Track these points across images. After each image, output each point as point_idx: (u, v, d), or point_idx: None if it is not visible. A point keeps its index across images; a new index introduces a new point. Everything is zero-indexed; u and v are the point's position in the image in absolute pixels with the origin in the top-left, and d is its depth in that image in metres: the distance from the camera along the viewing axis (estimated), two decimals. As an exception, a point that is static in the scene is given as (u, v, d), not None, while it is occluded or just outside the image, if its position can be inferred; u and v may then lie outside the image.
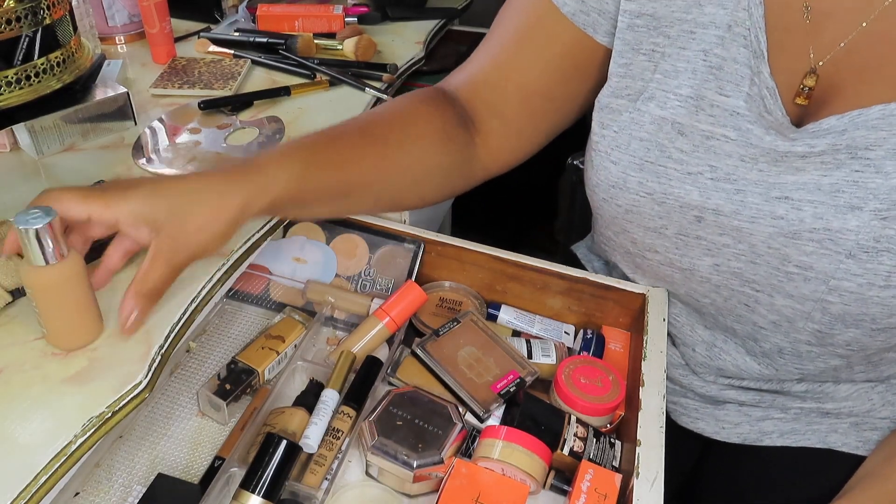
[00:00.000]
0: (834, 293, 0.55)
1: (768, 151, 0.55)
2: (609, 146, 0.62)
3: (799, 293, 0.58)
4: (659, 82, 0.58)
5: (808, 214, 0.54)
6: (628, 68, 0.60)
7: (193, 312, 0.59)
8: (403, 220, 0.81)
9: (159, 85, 0.94)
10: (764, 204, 0.56)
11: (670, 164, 0.59)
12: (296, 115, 0.89)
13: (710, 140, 0.57)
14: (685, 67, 0.57)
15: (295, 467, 0.56)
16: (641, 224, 0.63)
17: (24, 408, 0.49)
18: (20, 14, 0.58)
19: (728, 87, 0.56)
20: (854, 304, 0.55)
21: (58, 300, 0.51)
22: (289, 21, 1.09)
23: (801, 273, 0.56)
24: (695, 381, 0.73)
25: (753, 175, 0.56)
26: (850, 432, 0.68)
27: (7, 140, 0.79)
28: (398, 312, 0.67)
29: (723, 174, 0.57)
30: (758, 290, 0.60)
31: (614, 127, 0.61)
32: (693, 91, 0.57)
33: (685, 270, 0.64)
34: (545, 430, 0.58)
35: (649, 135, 0.59)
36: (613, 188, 0.62)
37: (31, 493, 0.45)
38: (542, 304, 0.74)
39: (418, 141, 0.67)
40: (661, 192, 0.59)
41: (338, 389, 0.61)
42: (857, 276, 0.54)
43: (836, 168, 0.53)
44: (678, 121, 0.58)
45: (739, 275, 0.60)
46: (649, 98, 0.59)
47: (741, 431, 0.71)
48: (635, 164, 0.60)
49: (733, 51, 0.55)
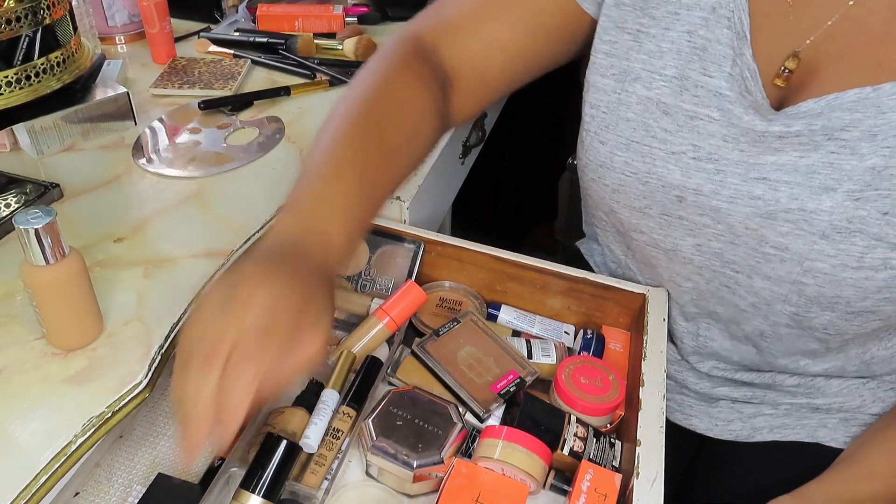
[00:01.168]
0: (808, 274, 0.56)
1: (747, 131, 0.56)
2: (598, 126, 0.63)
3: (776, 274, 0.59)
4: (644, 63, 0.60)
5: (783, 195, 0.55)
6: (613, 46, 0.62)
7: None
8: (403, 220, 0.81)
9: (159, 85, 0.94)
10: (742, 184, 0.57)
11: (655, 143, 0.60)
12: (296, 115, 0.89)
13: (694, 120, 0.58)
14: (669, 48, 0.58)
15: (295, 467, 0.56)
16: (627, 204, 0.64)
17: (24, 408, 0.50)
18: (20, 14, 0.58)
19: (711, 68, 0.57)
20: (828, 285, 0.56)
21: (58, 300, 0.51)
22: (289, 21, 1.09)
23: (778, 254, 0.57)
24: (689, 378, 0.73)
25: (734, 155, 0.57)
26: (839, 427, 0.69)
27: (7, 140, 0.79)
28: (398, 312, 0.67)
29: (705, 153, 0.58)
30: (737, 271, 0.61)
31: (602, 107, 0.63)
32: (677, 71, 0.58)
33: (669, 251, 0.65)
34: (545, 430, 0.58)
35: (636, 115, 0.60)
36: (601, 168, 0.64)
37: (31, 492, 0.45)
38: (542, 304, 0.74)
39: (421, 134, 0.65)
40: (645, 171, 0.61)
41: (338, 389, 0.61)
42: (831, 256, 0.55)
43: (813, 150, 0.54)
44: (663, 101, 0.59)
45: (720, 255, 0.61)
46: (635, 79, 0.60)
47: (734, 428, 0.72)
48: (622, 143, 0.61)
49: (717, 32, 0.57)
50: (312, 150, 0.58)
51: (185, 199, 0.72)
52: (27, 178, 0.72)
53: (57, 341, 0.54)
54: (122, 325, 0.56)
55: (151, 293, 0.60)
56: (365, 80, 0.64)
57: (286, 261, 0.48)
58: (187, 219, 0.69)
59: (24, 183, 0.71)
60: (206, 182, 0.75)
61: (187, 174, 0.76)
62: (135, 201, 0.72)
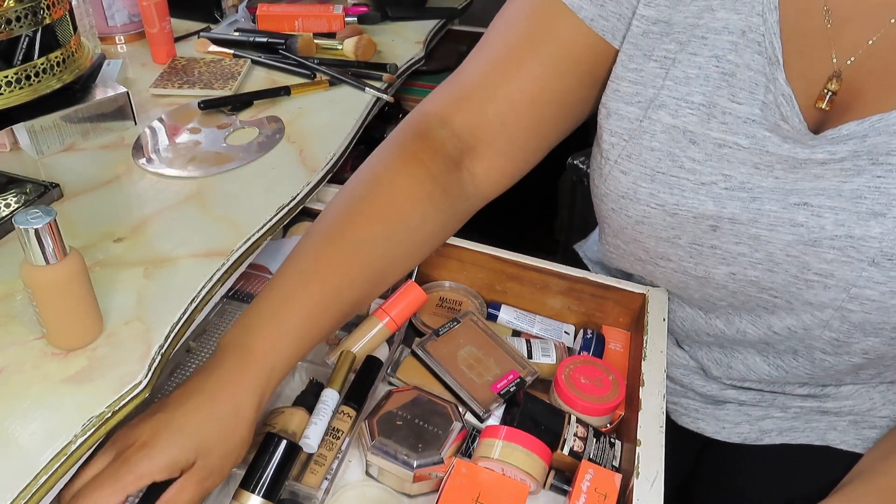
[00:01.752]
0: (855, 301, 0.55)
1: (786, 159, 0.54)
2: (619, 155, 0.60)
3: (818, 301, 0.57)
4: (670, 89, 0.57)
5: (828, 221, 0.53)
6: (639, 74, 0.59)
7: (193, 312, 0.59)
8: (403, 220, 0.81)
9: (159, 85, 0.94)
10: (782, 211, 0.55)
11: (682, 174, 0.57)
12: (296, 115, 0.89)
13: (723, 148, 0.56)
14: (697, 74, 0.56)
15: (295, 467, 0.56)
16: (653, 234, 0.61)
17: (24, 408, 0.49)
18: (20, 14, 0.58)
19: (741, 95, 0.55)
20: (875, 312, 0.54)
21: (58, 300, 0.51)
22: (289, 21, 1.09)
23: (821, 281, 0.56)
24: (696, 381, 0.73)
25: (769, 182, 0.55)
26: (849, 430, 0.68)
27: (7, 140, 0.79)
28: (398, 312, 0.67)
29: (737, 183, 0.56)
30: (776, 296, 0.59)
31: (624, 136, 0.60)
32: (705, 98, 0.56)
33: (700, 278, 0.63)
34: (545, 429, 0.58)
35: (661, 144, 0.58)
36: (623, 199, 0.61)
37: (31, 492, 0.45)
38: (542, 304, 0.74)
39: (412, 224, 0.63)
40: (672, 203, 0.58)
41: (338, 389, 0.61)
42: (880, 283, 0.53)
43: (857, 174, 0.53)
44: (690, 129, 0.57)
45: (756, 283, 0.60)
46: (660, 106, 0.58)
47: (741, 431, 0.71)
48: (646, 174, 0.59)
49: (747, 57, 0.54)
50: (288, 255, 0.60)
51: (185, 198, 0.72)
52: (27, 178, 0.72)
53: (57, 341, 0.54)
54: (122, 325, 0.56)
55: (151, 293, 0.60)
56: (357, 175, 0.65)
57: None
58: (187, 219, 0.69)
59: (24, 183, 0.71)
60: (205, 182, 0.75)
61: (187, 174, 0.76)
62: (135, 201, 0.72)
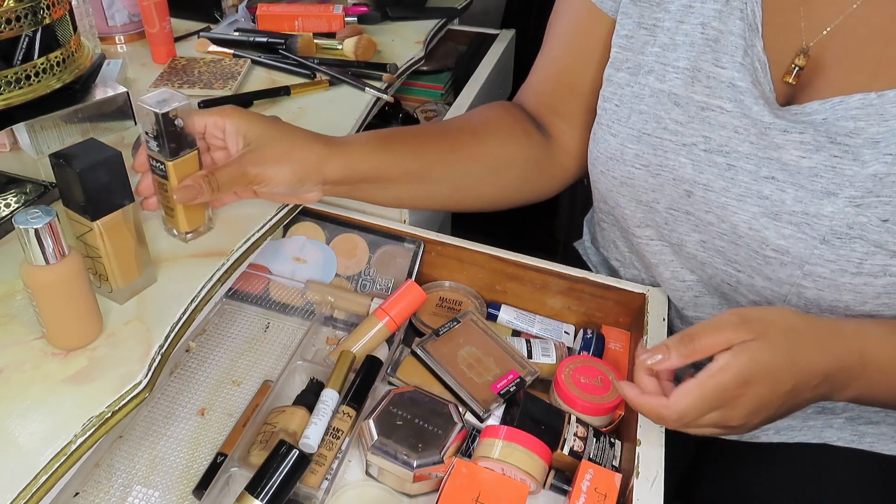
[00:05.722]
0: (808, 278, 0.57)
1: (756, 122, 0.56)
2: (610, 119, 0.64)
3: (776, 276, 0.59)
4: (657, 56, 0.61)
5: (789, 196, 0.56)
6: (629, 41, 0.63)
7: (193, 312, 0.59)
8: (403, 220, 0.81)
9: (159, 85, 0.94)
10: (752, 183, 0.57)
11: (666, 135, 0.60)
12: (296, 115, 0.89)
13: (705, 111, 0.59)
14: (683, 40, 0.59)
15: (295, 467, 0.56)
16: (634, 197, 0.64)
17: (24, 408, 0.49)
18: (20, 14, 0.58)
19: (724, 59, 0.58)
20: (827, 289, 0.56)
21: (58, 300, 0.51)
22: (289, 21, 1.09)
23: (778, 257, 0.57)
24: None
25: (745, 147, 0.57)
26: (846, 427, 0.69)
27: (7, 140, 0.79)
28: (398, 312, 0.67)
29: (716, 145, 0.58)
30: (739, 270, 0.62)
31: (615, 101, 0.64)
32: (690, 63, 0.59)
33: (674, 245, 0.65)
34: (545, 429, 0.58)
35: (648, 107, 0.61)
36: (611, 160, 0.64)
37: (31, 492, 0.45)
38: (542, 303, 0.74)
39: (493, 133, 0.71)
40: (656, 163, 0.61)
41: (338, 389, 0.61)
42: (830, 261, 0.55)
43: (816, 150, 0.54)
44: (675, 92, 0.60)
45: (723, 253, 0.62)
46: (649, 71, 0.61)
47: None
48: (633, 136, 0.62)
49: (730, 23, 0.57)
50: None
51: (185, 198, 0.72)
52: (27, 177, 0.72)
53: (57, 341, 0.54)
54: (122, 325, 0.56)
55: (151, 293, 0.60)
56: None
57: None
58: (187, 219, 0.69)
59: (23, 183, 0.71)
60: (205, 182, 0.75)
61: (187, 174, 0.76)
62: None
